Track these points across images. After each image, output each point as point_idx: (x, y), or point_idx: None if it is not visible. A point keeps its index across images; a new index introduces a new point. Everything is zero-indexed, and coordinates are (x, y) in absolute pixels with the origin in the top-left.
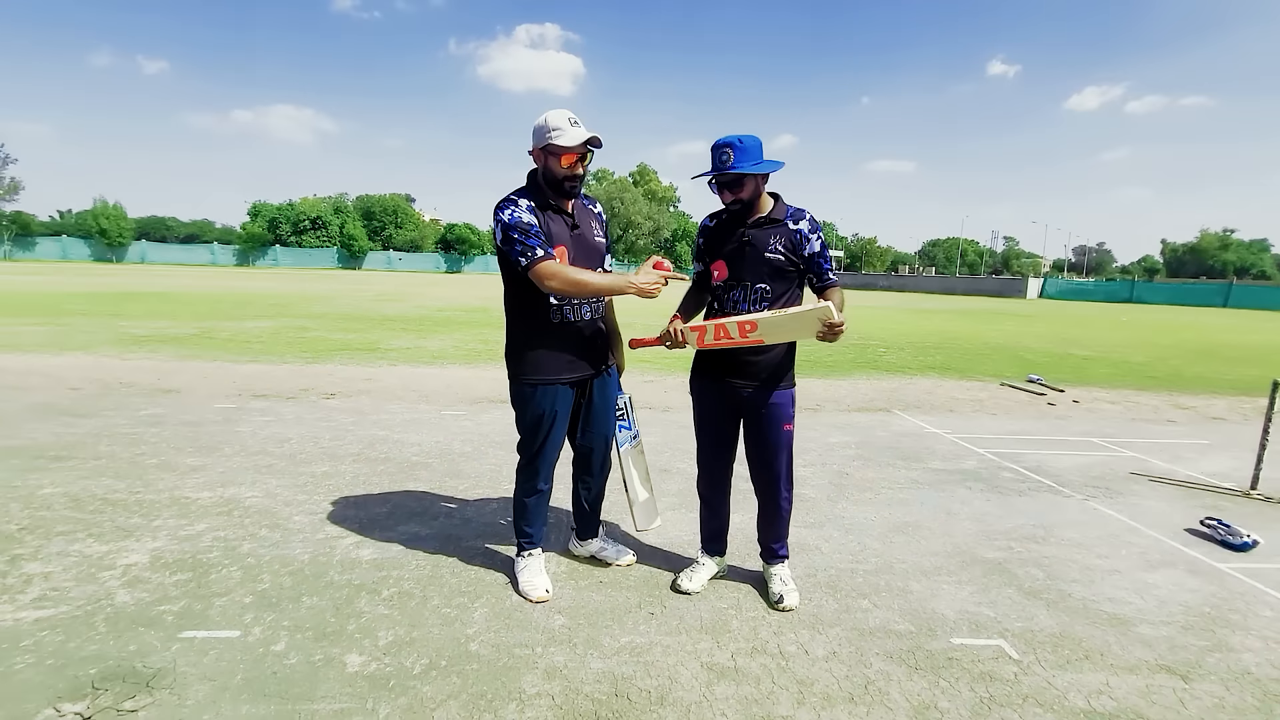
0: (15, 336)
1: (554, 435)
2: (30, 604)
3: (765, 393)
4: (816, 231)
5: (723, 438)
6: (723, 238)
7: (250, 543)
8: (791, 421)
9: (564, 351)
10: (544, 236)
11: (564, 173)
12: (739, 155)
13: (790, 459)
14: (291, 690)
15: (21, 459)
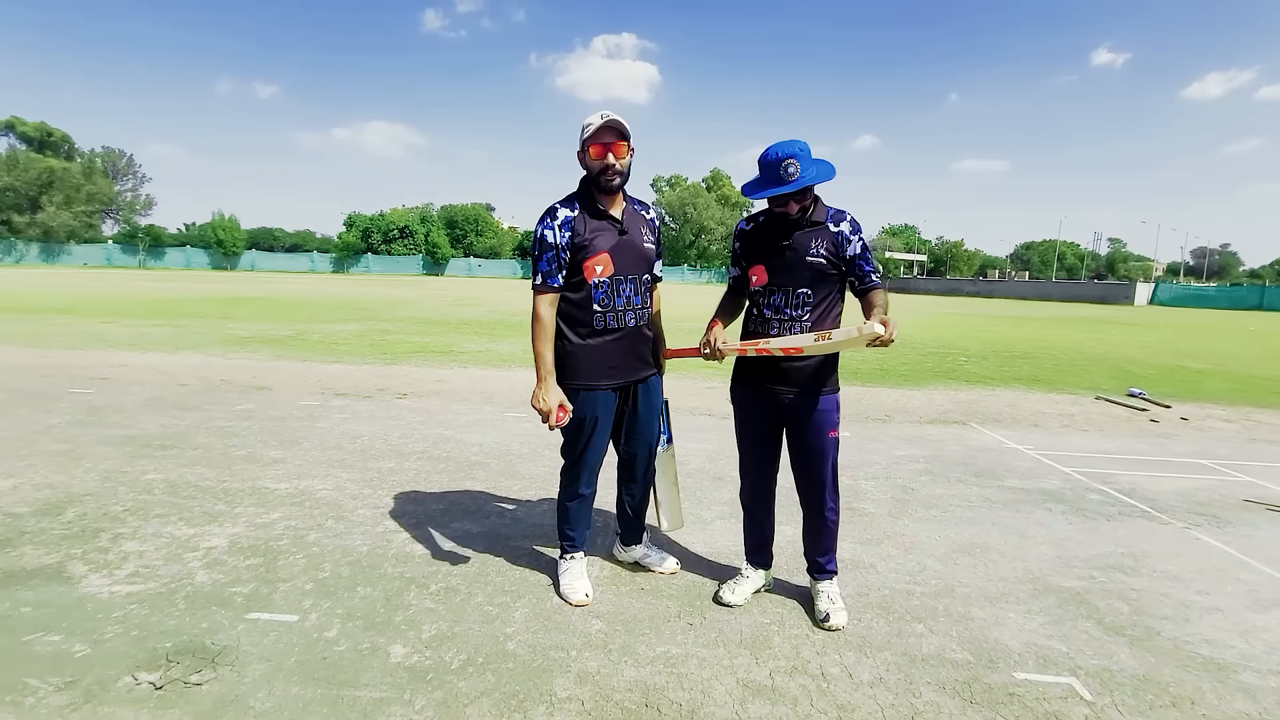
0: (141, 337)
1: (595, 440)
2: (124, 579)
3: (808, 399)
4: (858, 233)
5: (765, 446)
6: (761, 241)
7: (316, 533)
8: (836, 428)
9: (606, 358)
10: (562, 260)
11: (596, 165)
12: (805, 164)
13: (835, 468)
14: (338, 676)
15: (133, 447)
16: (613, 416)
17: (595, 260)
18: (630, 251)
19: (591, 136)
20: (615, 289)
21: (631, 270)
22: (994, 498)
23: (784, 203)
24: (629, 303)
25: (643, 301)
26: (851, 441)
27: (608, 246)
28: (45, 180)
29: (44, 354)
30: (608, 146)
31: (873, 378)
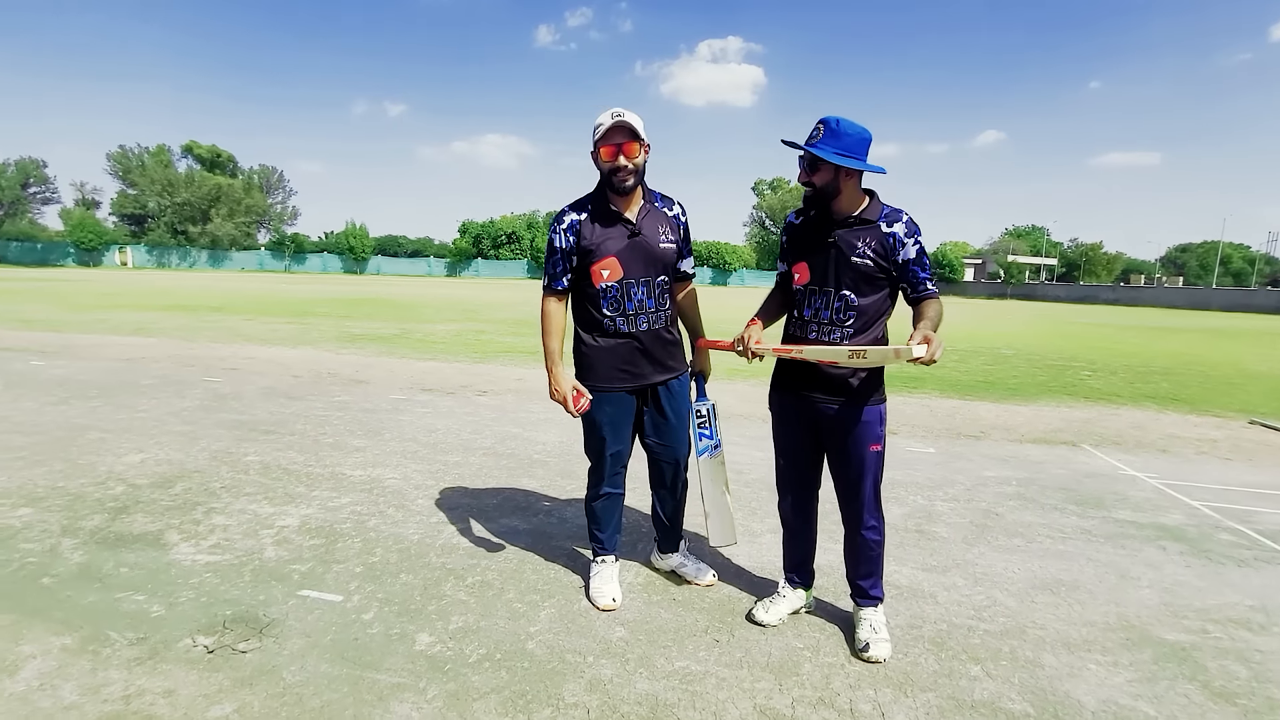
0: (273, 332)
1: (611, 440)
2: (207, 549)
3: (850, 409)
4: (914, 235)
5: (804, 457)
6: (807, 238)
7: (376, 519)
8: (880, 442)
9: (618, 360)
10: (573, 263)
11: (608, 166)
12: (827, 136)
13: (877, 484)
14: (364, 658)
15: (241, 431)
16: (631, 418)
17: (602, 265)
18: (641, 254)
19: (602, 137)
20: (625, 293)
21: (643, 274)
22: (1095, 530)
23: (801, 169)
24: (640, 306)
25: (657, 305)
26: (934, 459)
27: (615, 250)
28: (214, 195)
29: (191, 346)
30: (619, 146)
31: (972, 389)
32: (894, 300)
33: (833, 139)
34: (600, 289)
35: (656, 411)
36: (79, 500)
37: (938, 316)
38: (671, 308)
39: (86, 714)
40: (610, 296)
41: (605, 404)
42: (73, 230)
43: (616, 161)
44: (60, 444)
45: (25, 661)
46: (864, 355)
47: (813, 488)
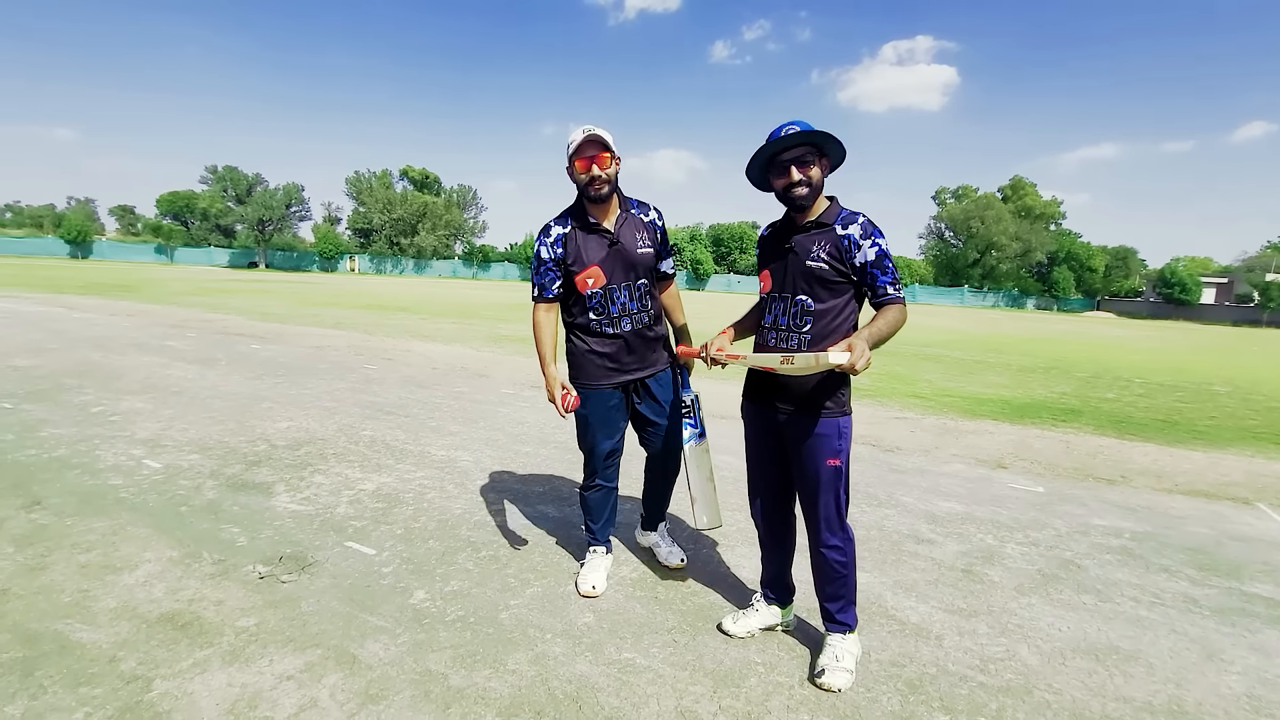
0: (437, 331)
1: (601, 436)
2: (297, 501)
3: (805, 419)
4: (872, 237)
5: (769, 468)
6: (772, 246)
7: (434, 492)
8: (838, 456)
9: (605, 360)
10: (558, 273)
11: (584, 178)
12: (804, 126)
13: (838, 500)
14: (367, 602)
15: (369, 410)
16: (621, 414)
17: (586, 274)
18: (622, 261)
19: (575, 152)
20: (609, 298)
21: (624, 279)
22: (1205, 601)
23: (782, 168)
24: (624, 309)
25: (639, 306)
26: (1036, 499)
27: (598, 259)
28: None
29: (369, 339)
30: (591, 159)
31: (1140, 428)
32: (860, 304)
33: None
34: (586, 295)
35: (647, 400)
36: (232, 453)
37: (886, 326)
38: (654, 307)
39: (161, 606)
40: (595, 302)
41: (594, 401)
42: (318, 242)
43: (590, 172)
44: (241, 409)
45: (142, 564)
46: (791, 361)
47: (781, 499)
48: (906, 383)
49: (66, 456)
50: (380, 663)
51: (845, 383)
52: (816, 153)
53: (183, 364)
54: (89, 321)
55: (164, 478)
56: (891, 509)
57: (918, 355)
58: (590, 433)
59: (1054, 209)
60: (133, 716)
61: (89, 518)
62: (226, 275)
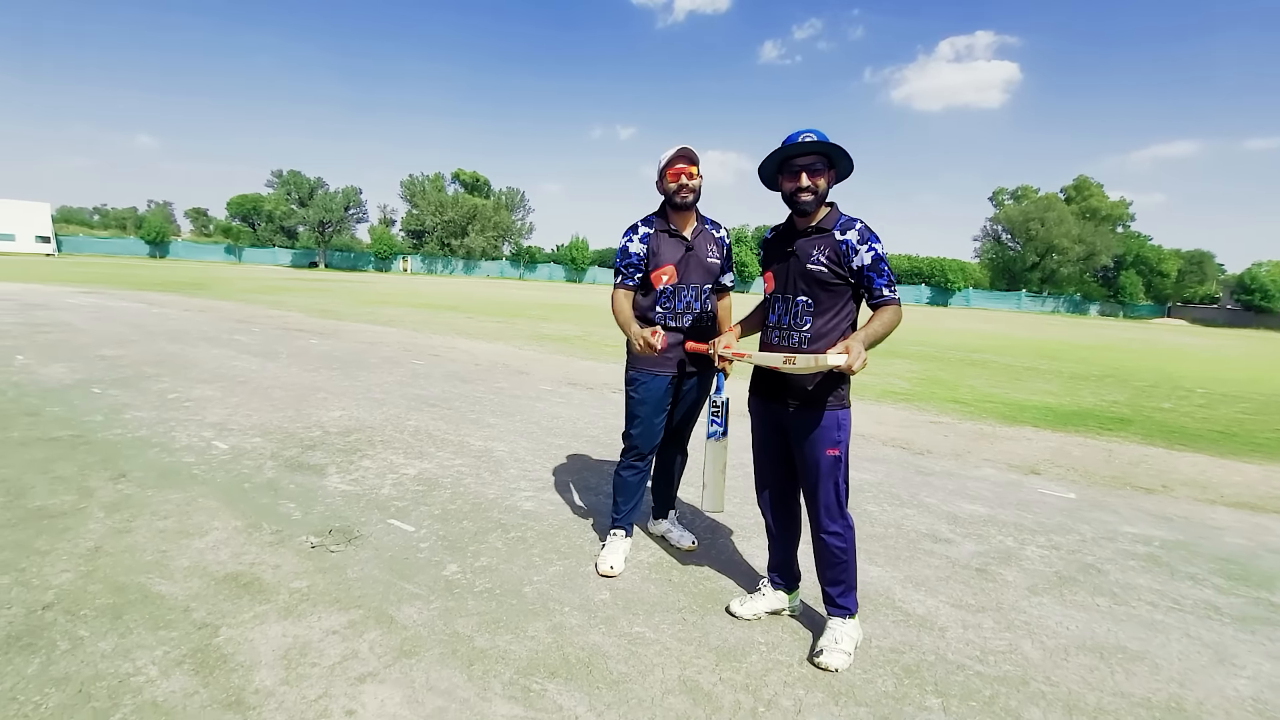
0: (481, 329)
1: (646, 419)
2: (347, 482)
3: (808, 413)
4: (868, 242)
5: (774, 460)
6: (775, 249)
7: (471, 479)
8: (837, 446)
9: (665, 350)
10: (639, 266)
11: (673, 186)
12: (820, 135)
13: (838, 489)
14: (404, 572)
15: (415, 403)
16: (666, 401)
17: (662, 270)
18: (695, 265)
19: (668, 163)
20: (677, 295)
21: (694, 281)
22: (1227, 609)
23: (794, 172)
24: (689, 307)
25: (702, 308)
26: (1065, 505)
27: (674, 260)
28: (471, 214)
29: (417, 336)
30: (681, 170)
31: (1193, 438)
32: (859, 303)
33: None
34: (659, 290)
35: (687, 394)
36: (290, 437)
37: (880, 327)
38: (712, 311)
39: (226, 565)
40: (665, 297)
41: (650, 387)
42: (374, 243)
43: (680, 181)
44: (299, 398)
45: (211, 531)
46: (793, 361)
47: (786, 489)
48: (948, 388)
49: (147, 436)
50: (414, 624)
51: (844, 380)
52: (827, 163)
53: (248, 356)
54: (166, 316)
55: (230, 457)
56: (913, 509)
57: (964, 361)
58: (643, 416)
59: (1122, 210)
60: (202, 656)
61: (166, 490)
62: (289, 274)
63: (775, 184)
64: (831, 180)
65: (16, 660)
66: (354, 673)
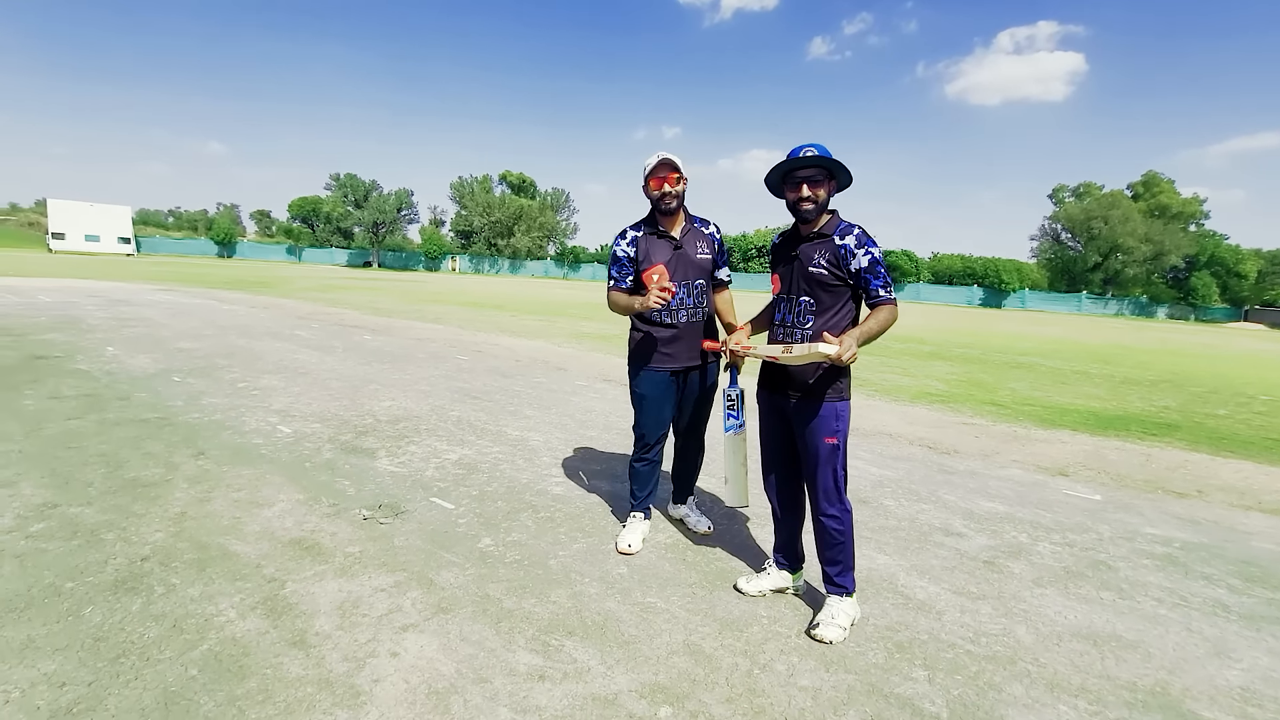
0: (523, 327)
1: (650, 412)
2: (394, 464)
3: (809, 403)
4: (865, 246)
5: (778, 447)
6: (782, 253)
7: (506, 465)
8: (835, 435)
9: (662, 346)
10: (630, 267)
11: (656, 193)
12: (820, 150)
13: (836, 475)
14: (444, 542)
15: (459, 395)
16: (669, 395)
17: (653, 270)
18: (685, 261)
19: (651, 172)
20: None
21: (684, 278)
22: (1235, 607)
23: (796, 183)
24: (681, 304)
25: (695, 303)
26: (1089, 505)
27: (663, 259)
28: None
29: (463, 333)
30: (663, 178)
31: (1242, 445)
32: (858, 305)
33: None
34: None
35: (691, 388)
36: (345, 424)
37: (875, 325)
38: (708, 306)
39: (292, 533)
40: None
41: (650, 382)
42: (424, 243)
43: (662, 189)
44: (353, 389)
45: (277, 503)
46: (790, 351)
47: (791, 475)
48: (987, 390)
49: (221, 420)
50: (450, 586)
51: (844, 374)
52: (827, 175)
53: (308, 350)
54: (234, 313)
55: (293, 440)
56: (930, 504)
57: (1008, 364)
58: (645, 410)
59: (1195, 207)
60: (271, 604)
61: (239, 467)
62: (345, 273)
63: (780, 193)
64: (832, 190)
65: (124, 600)
66: (398, 623)
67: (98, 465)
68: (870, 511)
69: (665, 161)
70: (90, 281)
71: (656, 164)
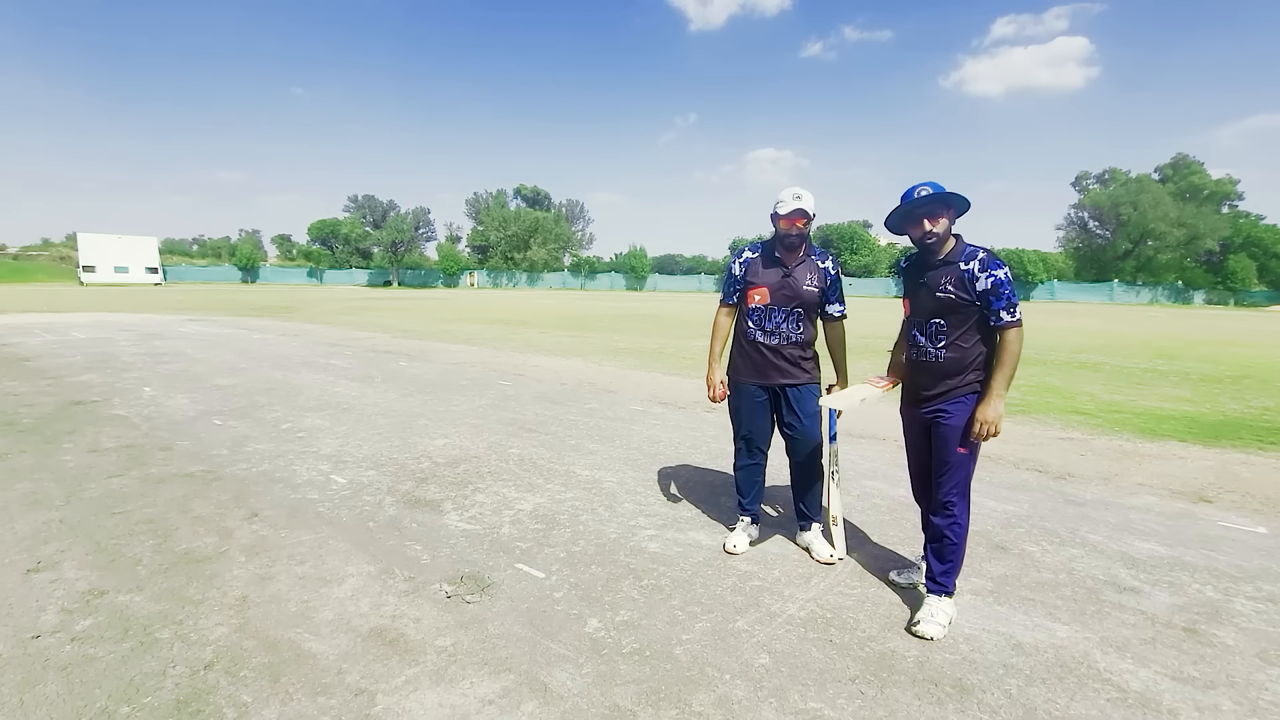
0: (556, 344)
1: (745, 421)
2: (466, 520)
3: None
4: (989, 269)
5: (919, 454)
6: (910, 278)
7: (587, 515)
8: (966, 446)
9: (753, 362)
10: (740, 286)
11: (782, 231)
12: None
13: (957, 486)
14: (546, 628)
15: (513, 428)
16: (763, 408)
17: (755, 291)
18: (789, 289)
19: (785, 215)
20: (767, 314)
21: (785, 304)
22: None
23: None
24: (778, 328)
25: (791, 329)
26: (1259, 544)
27: (769, 283)
28: (533, 227)
29: (498, 354)
30: (793, 221)
31: None
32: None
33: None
34: (751, 308)
35: (787, 407)
36: (402, 469)
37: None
38: (806, 334)
39: (370, 620)
40: (757, 315)
41: (741, 394)
42: (441, 260)
43: (791, 230)
44: (401, 426)
45: (347, 578)
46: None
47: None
48: (1064, 396)
49: (270, 471)
50: (570, 693)
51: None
52: (943, 205)
53: (346, 381)
54: (266, 342)
55: (350, 493)
56: (1078, 548)
57: (1071, 363)
58: (736, 418)
59: (1228, 188)
60: None
61: (297, 530)
62: (366, 293)
63: (902, 231)
64: (952, 218)
65: None
66: None
67: (145, 535)
68: (1015, 562)
69: (799, 210)
70: (122, 315)
71: (792, 211)
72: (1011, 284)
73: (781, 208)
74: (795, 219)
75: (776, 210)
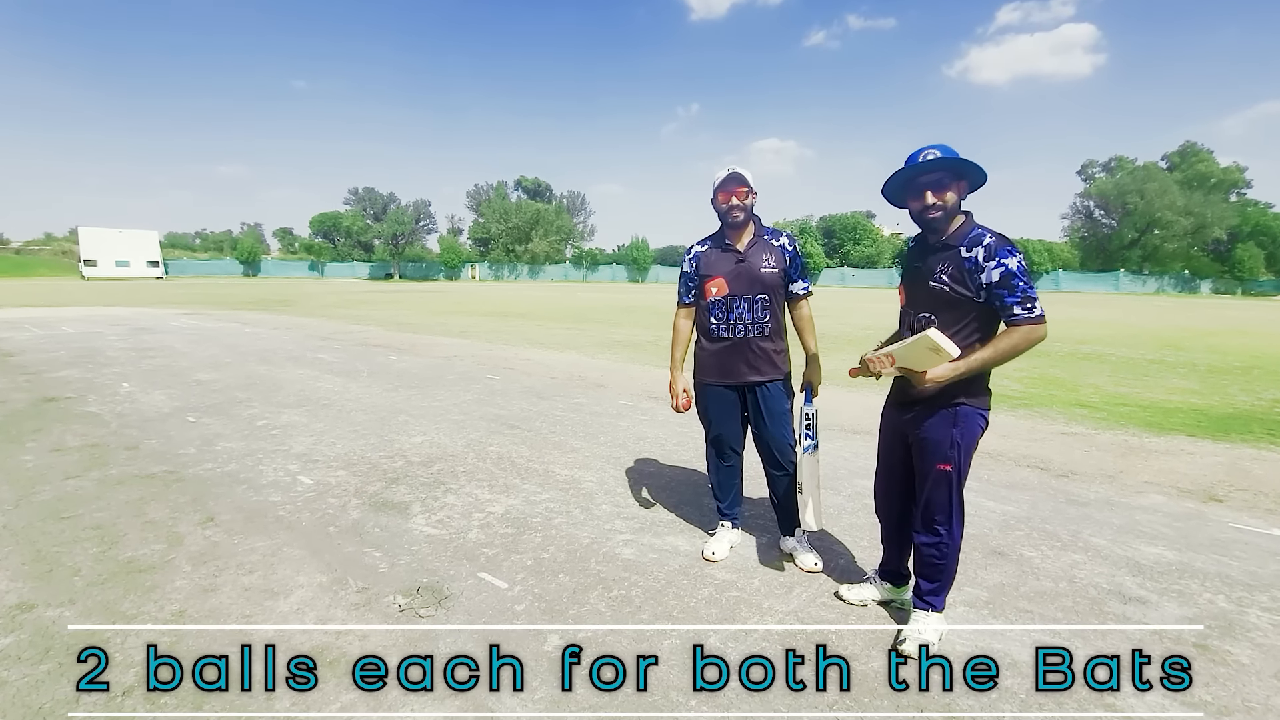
0: (551, 337)
1: (715, 424)
2: (432, 524)
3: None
4: (998, 258)
5: (890, 464)
6: (909, 263)
7: (561, 518)
8: (949, 462)
9: (719, 361)
10: (695, 282)
11: (723, 207)
12: (944, 151)
13: (941, 503)
14: (503, 646)
15: (495, 424)
16: (732, 409)
17: (711, 283)
18: (745, 275)
19: (720, 186)
20: (729, 306)
21: (745, 292)
22: None
23: (918, 190)
24: (740, 318)
25: (755, 318)
26: (1274, 547)
27: (724, 272)
28: (534, 220)
29: (490, 348)
30: (731, 192)
31: None
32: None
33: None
34: (710, 302)
35: (757, 408)
36: (373, 469)
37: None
38: (773, 321)
39: (311, 636)
40: (717, 308)
41: (708, 395)
42: (443, 253)
43: (730, 202)
44: (380, 422)
45: (296, 589)
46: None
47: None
48: (1067, 389)
49: (236, 471)
50: None
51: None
52: (953, 176)
53: (330, 376)
54: (256, 335)
55: (315, 495)
56: (1080, 553)
57: (1074, 355)
58: (706, 421)
59: (1236, 176)
60: None
61: (252, 536)
62: (366, 287)
63: (902, 203)
64: (963, 192)
65: None
66: None
67: (90, 543)
68: (1013, 569)
69: (734, 176)
70: (116, 309)
71: (725, 178)
72: (1027, 274)
73: (717, 181)
74: (733, 188)
75: (714, 188)
